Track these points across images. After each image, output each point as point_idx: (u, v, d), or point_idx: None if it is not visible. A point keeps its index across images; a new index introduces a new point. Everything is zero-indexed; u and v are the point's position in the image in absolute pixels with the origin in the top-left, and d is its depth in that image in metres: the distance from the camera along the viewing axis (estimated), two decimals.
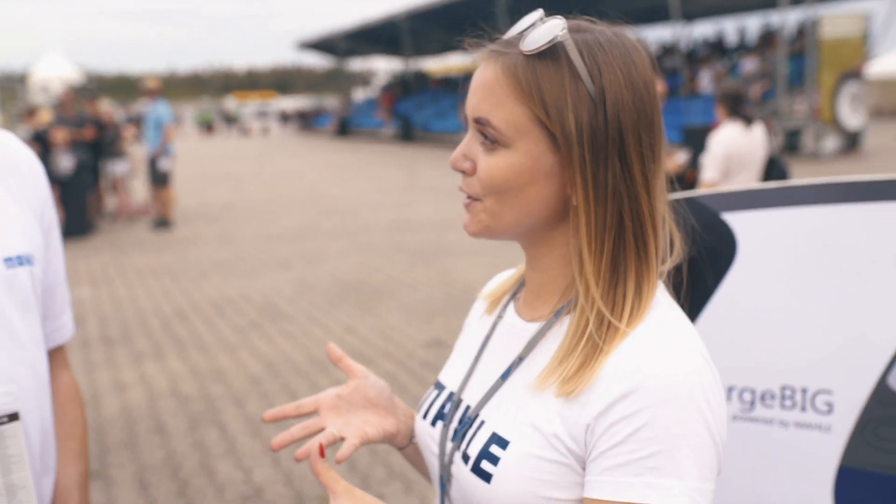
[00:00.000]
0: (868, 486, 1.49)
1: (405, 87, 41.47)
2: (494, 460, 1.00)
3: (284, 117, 60.34)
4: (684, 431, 0.91)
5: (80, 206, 11.97)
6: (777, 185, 1.55)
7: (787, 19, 20.92)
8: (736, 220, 1.57)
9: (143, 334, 6.88)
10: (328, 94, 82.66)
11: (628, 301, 0.99)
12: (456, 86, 38.18)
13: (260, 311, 7.54)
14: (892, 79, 32.20)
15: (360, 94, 51.72)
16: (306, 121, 50.68)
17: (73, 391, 1.50)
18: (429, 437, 1.16)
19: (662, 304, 1.03)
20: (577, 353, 0.97)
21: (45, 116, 12.56)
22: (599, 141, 0.97)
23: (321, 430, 1.18)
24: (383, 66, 49.76)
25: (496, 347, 1.14)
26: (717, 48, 26.64)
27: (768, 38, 23.93)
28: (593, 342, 0.97)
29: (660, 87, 5.38)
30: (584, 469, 0.96)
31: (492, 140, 1.00)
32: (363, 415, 1.21)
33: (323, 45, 45.53)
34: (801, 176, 5.78)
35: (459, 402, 1.13)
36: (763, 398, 1.58)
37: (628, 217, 0.99)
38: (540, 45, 0.97)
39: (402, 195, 16.27)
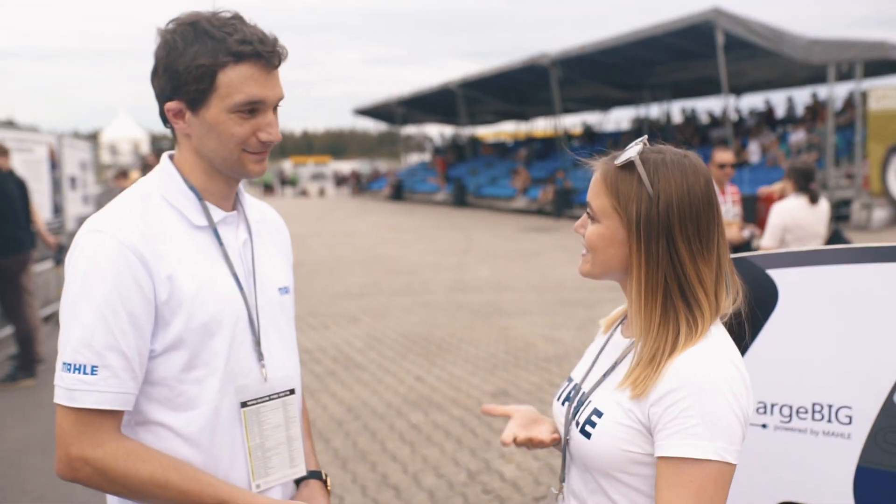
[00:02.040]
0: (880, 482, 1.93)
1: (458, 152, 42.03)
2: (593, 425, 1.54)
3: (340, 180, 61.80)
4: (715, 412, 1.40)
5: None
6: (808, 248, 2.06)
7: (835, 91, 21.06)
8: (777, 275, 2.07)
9: None
10: (381, 158, 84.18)
11: (680, 335, 1.48)
12: (508, 152, 38.68)
13: (335, 360, 8.10)
14: None
15: (413, 159, 52.62)
16: (361, 184, 51.77)
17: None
18: (560, 414, 1.71)
19: (714, 335, 1.49)
20: (642, 368, 1.49)
21: (136, 177, 13.48)
22: (651, 225, 1.50)
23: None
24: (436, 132, 50.64)
25: (607, 354, 1.69)
26: (765, 119, 26.75)
27: (816, 109, 23.98)
28: (655, 361, 1.49)
29: (726, 156, 6.00)
30: (650, 434, 1.45)
31: (592, 217, 1.58)
32: (536, 427, 1.76)
33: (378, 111, 46.49)
34: None
35: (580, 389, 1.67)
36: (798, 412, 2.05)
37: (672, 279, 1.49)
38: (623, 161, 1.54)
39: (459, 258, 16.78)
